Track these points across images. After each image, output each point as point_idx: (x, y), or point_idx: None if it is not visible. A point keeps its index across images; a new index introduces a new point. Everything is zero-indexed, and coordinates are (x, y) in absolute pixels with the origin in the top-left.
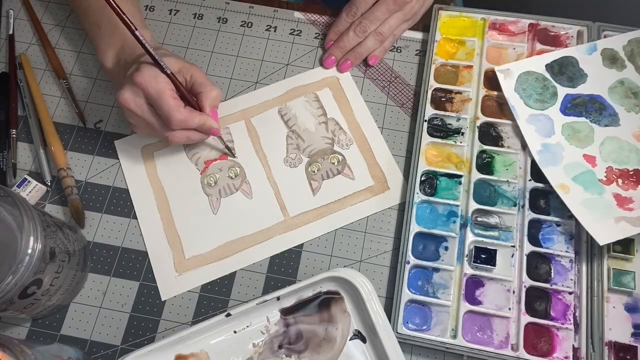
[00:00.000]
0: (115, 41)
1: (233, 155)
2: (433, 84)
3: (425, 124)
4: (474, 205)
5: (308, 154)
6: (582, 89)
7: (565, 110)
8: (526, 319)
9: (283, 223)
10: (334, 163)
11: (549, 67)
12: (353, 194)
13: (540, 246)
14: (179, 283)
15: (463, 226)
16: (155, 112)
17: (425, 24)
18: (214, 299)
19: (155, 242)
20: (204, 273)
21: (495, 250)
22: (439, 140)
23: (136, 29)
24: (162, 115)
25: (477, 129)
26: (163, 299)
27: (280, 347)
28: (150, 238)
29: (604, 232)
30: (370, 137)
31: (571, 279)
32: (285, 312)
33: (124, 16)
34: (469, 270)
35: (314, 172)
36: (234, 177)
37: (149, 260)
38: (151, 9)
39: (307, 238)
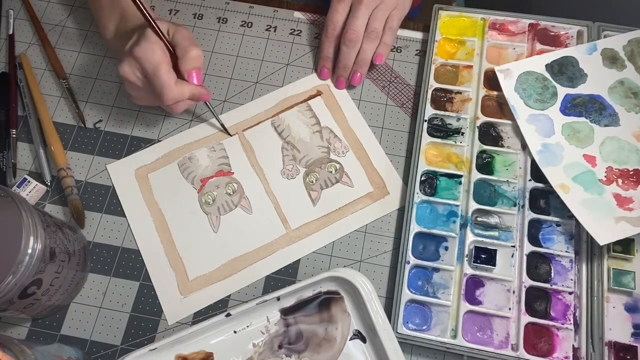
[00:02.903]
0: (114, 12)
1: (228, 133)
2: (433, 84)
3: (425, 124)
4: (474, 205)
5: (305, 164)
6: (582, 89)
7: (565, 110)
8: (526, 319)
9: (285, 236)
10: (331, 171)
11: (549, 67)
12: (353, 202)
13: (540, 246)
14: (185, 306)
15: (463, 226)
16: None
17: (425, 23)
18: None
19: (158, 267)
20: (208, 293)
21: (495, 250)
22: (439, 140)
23: None
24: (156, 91)
25: (477, 129)
26: (170, 324)
27: (280, 347)
28: (152, 263)
29: (604, 232)
30: (366, 142)
31: (571, 279)
32: (285, 312)
33: None
34: (469, 270)
35: (312, 182)
36: (232, 193)
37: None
38: (151, 9)
39: (311, 250)
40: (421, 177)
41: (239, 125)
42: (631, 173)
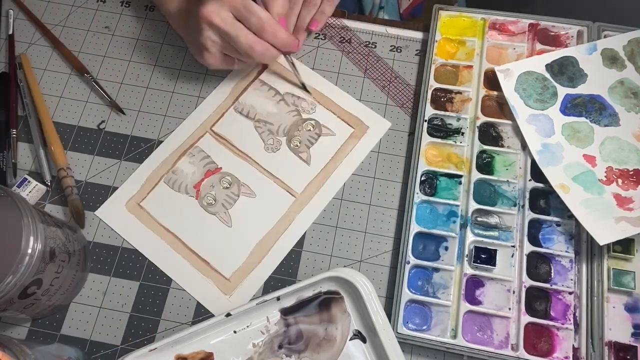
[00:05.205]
0: None
1: (306, 90)
2: (433, 84)
3: (425, 124)
4: (474, 205)
5: (283, 133)
6: (582, 89)
7: (565, 110)
8: (526, 319)
9: (296, 202)
10: (309, 129)
11: (549, 67)
12: (342, 147)
13: (540, 246)
14: (234, 302)
15: (463, 226)
16: (242, 26)
17: (425, 23)
18: None
19: (193, 283)
20: (251, 282)
21: (495, 250)
22: (439, 140)
23: None
24: (254, 25)
25: (477, 129)
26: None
27: (280, 347)
28: (186, 282)
29: (604, 232)
30: (329, 93)
31: (571, 279)
32: (285, 312)
33: None
34: (469, 270)
35: (297, 145)
36: (228, 186)
37: (149, 260)
38: (151, 9)
39: (322, 208)
40: (421, 177)
41: (206, 123)
42: (631, 173)
